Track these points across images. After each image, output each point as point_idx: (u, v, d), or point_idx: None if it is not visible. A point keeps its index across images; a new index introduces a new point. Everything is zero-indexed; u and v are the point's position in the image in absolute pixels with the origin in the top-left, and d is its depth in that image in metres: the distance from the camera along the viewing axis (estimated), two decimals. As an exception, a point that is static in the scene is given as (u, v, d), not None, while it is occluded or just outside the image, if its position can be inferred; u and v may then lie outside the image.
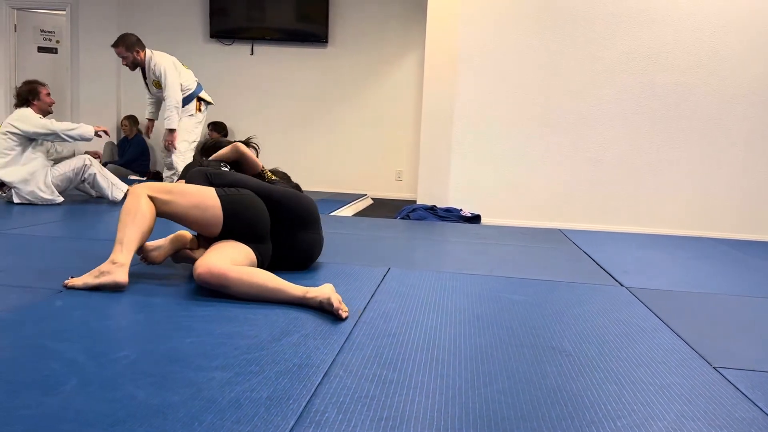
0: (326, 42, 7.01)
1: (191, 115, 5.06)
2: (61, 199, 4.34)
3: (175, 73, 4.91)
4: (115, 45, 4.86)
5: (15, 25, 7.53)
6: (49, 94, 4.45)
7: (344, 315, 1.92)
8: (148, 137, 5.47)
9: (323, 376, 1.45)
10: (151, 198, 2.20)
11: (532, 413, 1.32)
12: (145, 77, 5.05)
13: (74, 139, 4.36)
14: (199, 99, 5.12)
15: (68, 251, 2.80)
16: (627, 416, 1.33)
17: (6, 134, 4.23)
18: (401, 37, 6.91)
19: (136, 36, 4.91)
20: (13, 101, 4.45)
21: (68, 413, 1.19)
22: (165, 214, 2.23)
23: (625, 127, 4.78)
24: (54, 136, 4.30)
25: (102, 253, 2.48)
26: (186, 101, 5.02)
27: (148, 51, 4.93)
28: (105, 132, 4.56)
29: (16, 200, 4.25)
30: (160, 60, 4.88)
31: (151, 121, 5.35)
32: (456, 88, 4.90)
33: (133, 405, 1.24)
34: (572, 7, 4.75)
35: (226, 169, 2.63)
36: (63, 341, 1.59)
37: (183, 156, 4.95)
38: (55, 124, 4.30)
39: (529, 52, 4.82)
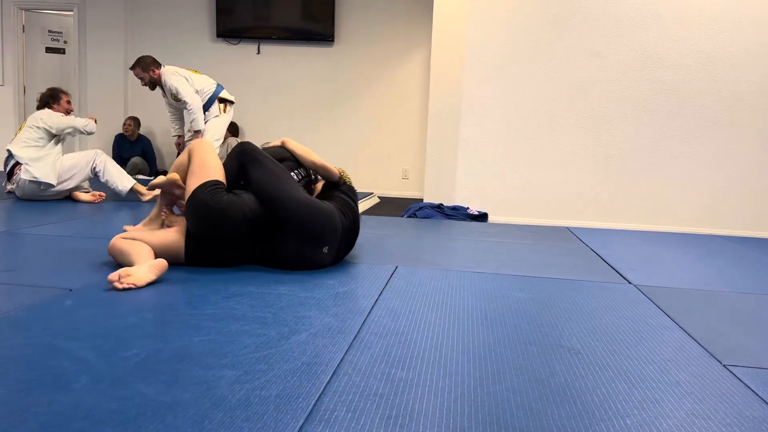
0: (332, 41, 7.01)
1: (216, 116, 5.15)
2: (56, 184, 4.43)
3: (183, 80, 5.02)
4: (132, 68, 5.09)
5: (23, 25, 7.57)
6: (69, 102, 4.76)
7: (116, 284, 2.07)
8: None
9: (332, 375, 1.45)
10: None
11: (541, 411, 1.32)
12: (164, 94, 5.17)
13: (88, 133, 4.74)
14: (222, 100, 5.18)
15: (77, 250, 2.81)
16: (636, 414, 1.33)
17: (32, 127, 4.50)
18: (407, 35, 6.90)
19: (151, 57, 5.09)
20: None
21: (79, 411, 1.20)
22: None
23: (633, 124, 4.76)
24: (74, 130, 4.64)
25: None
26: (208, 104, 5.11)
27: (162, 68, 5.06)
28: (94, 119, 4.95)
29: (24, 176, 4.35)
30: (167, 74, 5.02)
31: (181, 137, 5.43)
32: (462, 85, 4.89)
33: (143, 403, 1.25)
34: (579, 5, 4.73)
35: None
36: (73, 340, 1.60)
37: None
38: (76, 120, 4.68)
39: (536, 49, 4.80)
